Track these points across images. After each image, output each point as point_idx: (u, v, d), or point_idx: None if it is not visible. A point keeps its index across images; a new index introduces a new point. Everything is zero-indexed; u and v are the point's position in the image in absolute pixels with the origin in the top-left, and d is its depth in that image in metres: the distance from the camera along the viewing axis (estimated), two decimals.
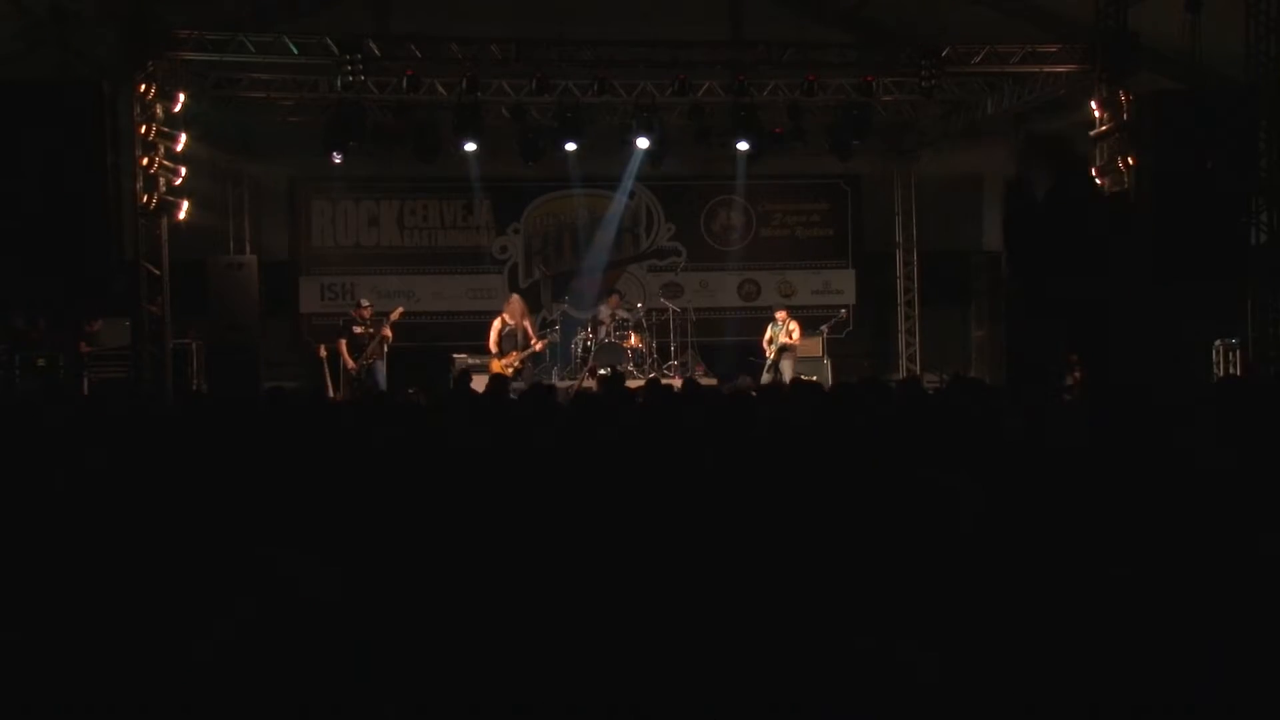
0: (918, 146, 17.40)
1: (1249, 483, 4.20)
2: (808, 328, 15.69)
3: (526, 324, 14.53)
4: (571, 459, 4.97)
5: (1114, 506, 4.25)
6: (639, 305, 16.49)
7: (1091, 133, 13.32)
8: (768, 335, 15.35)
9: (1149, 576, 3.68)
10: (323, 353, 14.62)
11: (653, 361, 15.56)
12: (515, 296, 15.19)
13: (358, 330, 14.03)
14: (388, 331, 13.98)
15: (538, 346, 14.41)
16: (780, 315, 15.35)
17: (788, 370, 14.79)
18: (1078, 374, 14.32)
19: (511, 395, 8.70)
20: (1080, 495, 4.38)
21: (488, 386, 8.47)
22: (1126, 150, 12.82)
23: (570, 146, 15.33)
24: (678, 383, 14.05)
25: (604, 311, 15.72)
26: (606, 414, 6.23)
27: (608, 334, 15.31)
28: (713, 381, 15.19)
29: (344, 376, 14.31)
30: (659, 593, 3.69)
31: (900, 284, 18.09)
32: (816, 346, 15.83)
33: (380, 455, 5.23)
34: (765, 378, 14.84)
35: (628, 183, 17.62)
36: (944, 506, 4.26)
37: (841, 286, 18.23)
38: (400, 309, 14.29)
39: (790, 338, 15.08)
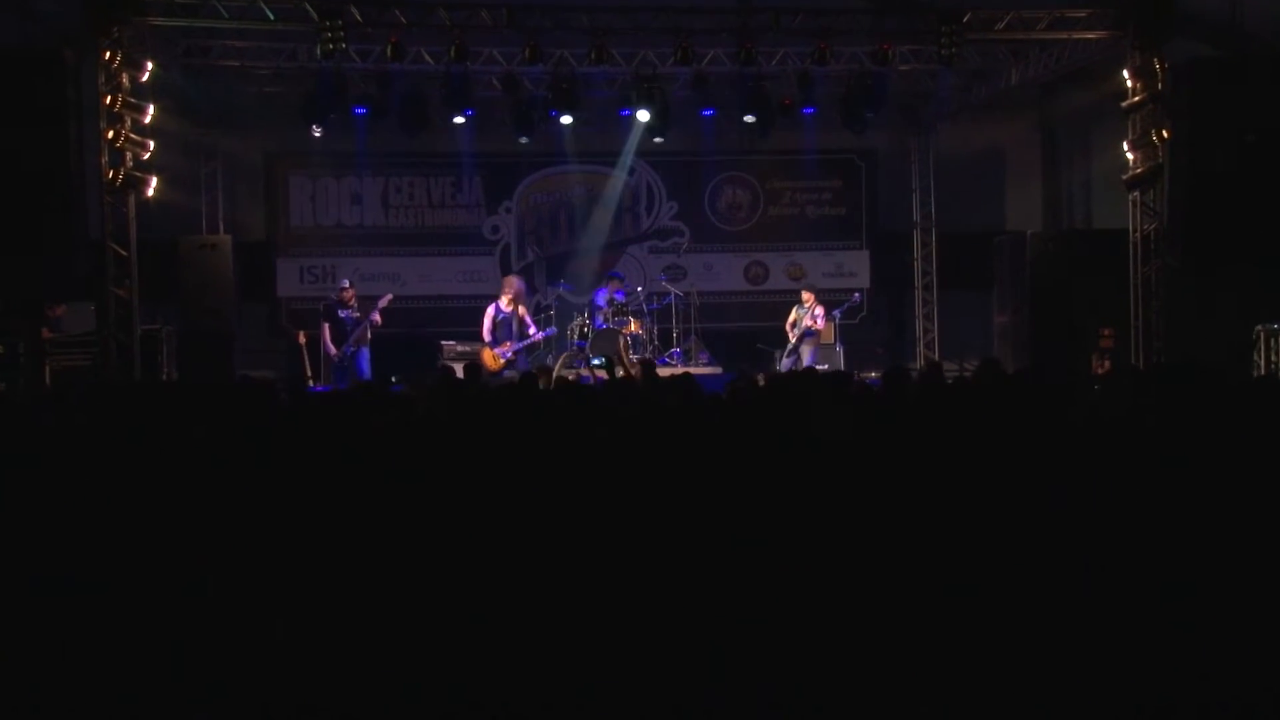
0: (936, 119, 17.28)
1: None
2: None
3: (523, 311, 14.45)
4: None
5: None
6: (639, 289, 16.37)
7: (1123, 104, 13.19)
8: (791, 318, 15.25)
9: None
10: (302, 339, 14.56)
11: (653, 348, 15.45)
12: (513, 277, 15.10)
13: (342, 315, 13.96)
14: (377, 318, 13.89)
15: (536, 336, 14.31)
16: (807, 297, 15.26)
17: (806, 357, 14.77)
18: (1108, 362, 14.26)
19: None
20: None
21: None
22: (1160, 123, 12.68)
23: (566, 119, 15.22)
24: (677, 371, 14.01)
25: (601, 295, 15.61)
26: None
27: (605, 319, 15.20)
28: (716, 370, 15.13)
29: (325, 364, 14.25)
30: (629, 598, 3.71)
31: (918, 266, 17.97)
32: (829, 332, 15.72)
33: (365, 452, 5.17)
34: (784, 363, 14.78)
35: (627, 158, 17.50)
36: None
37: (855, 269, 18.11)
38: (389, 296, 14.18)
39: (815, 322, 14.98)
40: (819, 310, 15.06)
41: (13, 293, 11.61)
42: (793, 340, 15.07)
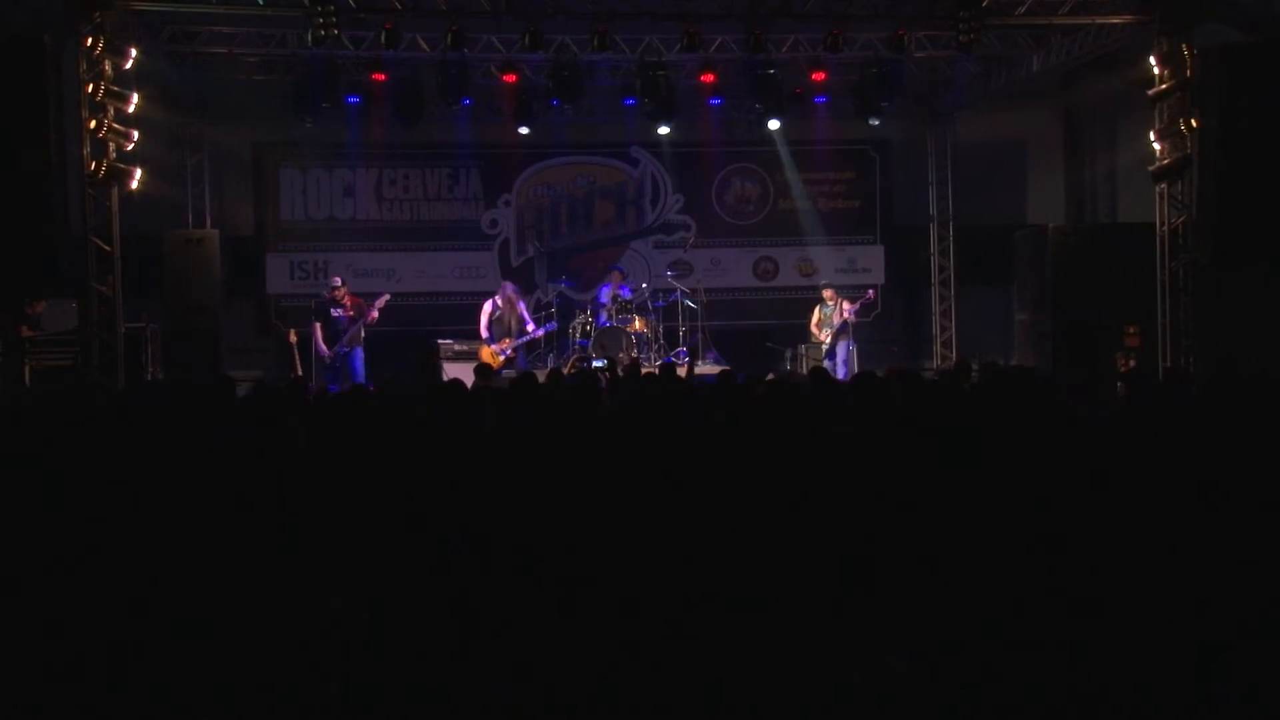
0: (954, 108, 17.21)
1: None
2: None
3: (521, 308, 14.41)
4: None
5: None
6: (644, 285, 16.33)
7: (1150, 92, 13.12)
8: (815, 317, 15.23)
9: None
10: (293, 338, 14.52)
11: (659, 347, 15.40)
12: (507, 285, 15.01)
13: (335, 314, 13.91)
14: (374, 316, 13.84)
15: (535, 333, 14.28)
16: (829, 295, 15.27)
17: (841, 352, 14.84)
18: (1132, 361, 14.17)
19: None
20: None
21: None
22: (1189, 112, 12.58)
23: (567, 109, 15.18)
24: (684, 371, 13.97)
25: (605, 292, 15.56)
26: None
27: (609, 317, 15.16)
28: (725, 369, 15.05)
29: (316, 364, 14.20)
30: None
31: (934, 261, 17.91)
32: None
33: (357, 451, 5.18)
34: (824, 364, 14.70)
35: (632, 149, 17.46)
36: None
37: (869, 264, 18.06)
38: (386, 297, 14.11)
39: (848, 315, 14.96)
40: (845, 304, 15.06)
41: None
42: (825, 340, 15.04)
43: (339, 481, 4.66)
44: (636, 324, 15.23)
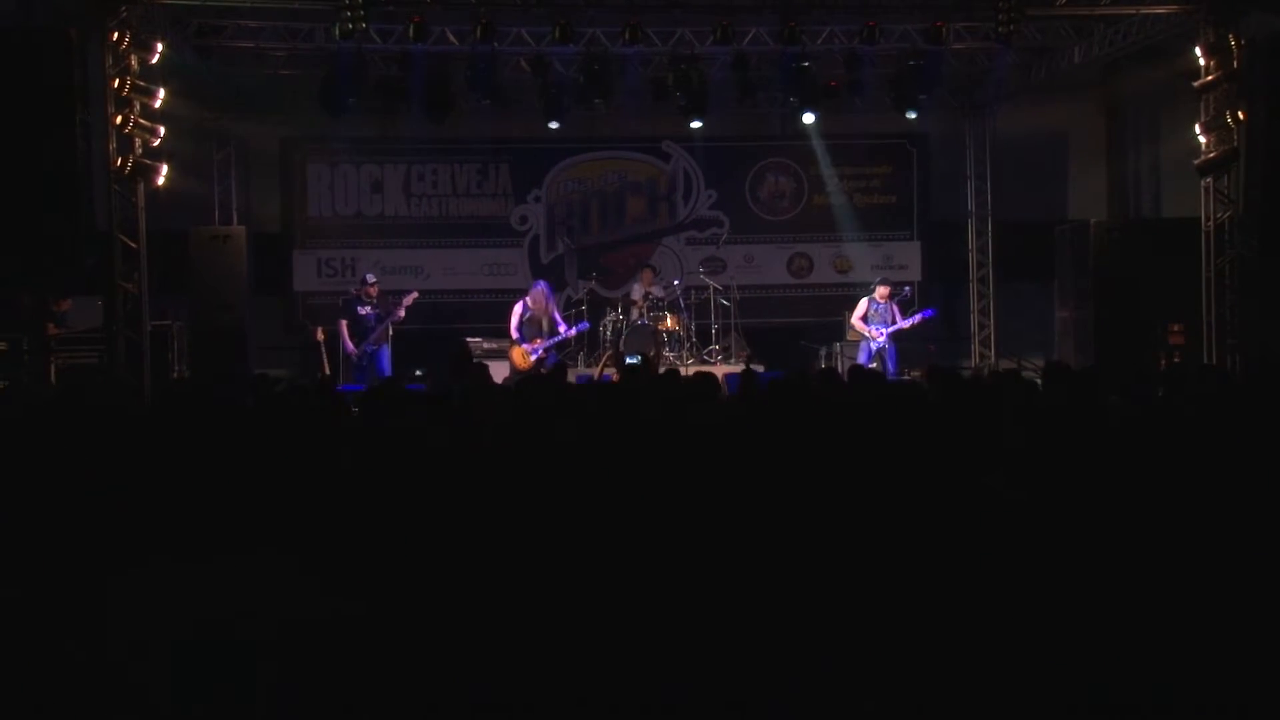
0: (993, 101, 17.11)
1: None
2: None
3: (553, 310, 14.42)
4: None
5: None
6: (676, 283, 16.31)
7: (1196, 83, 13.01)
8: (863, 311, 14.84)
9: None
10: (320, 336, 14.59)
11: (691, 346, 15.39)
12: (539, 284, 14.83)
13: (362, 311, 13.97)
14: (401, 315, 13.89)
15: (567, 333, 14.26)
16: (881, 293, 14.88)
17: (890, 357, 14.63)
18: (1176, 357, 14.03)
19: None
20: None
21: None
22: (1236, 103, 12.49)
23: (598, 103, 15.18)
24: (720, 370, 13.93)
25: (636, 290, 15.55)
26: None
27: (640, 315, 15.14)
28: (758, 368, 15.00)
29: (344, 363, 14.27)
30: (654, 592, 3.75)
31: (973, 258, 17.81)
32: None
33: (382, 453, 5.20)
34: (862, 359, 14.53)
35: (663, 143, 17.46)
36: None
37: (905, 261, 17.95)
38: (414, 294, 14.16)
39: (906, 326, 14.69)
40: (896, 311, 14.80)
41: (16, 286, 11.66)
42: (877, 336, 14.65)
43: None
44: (668, 322, 15.22)
